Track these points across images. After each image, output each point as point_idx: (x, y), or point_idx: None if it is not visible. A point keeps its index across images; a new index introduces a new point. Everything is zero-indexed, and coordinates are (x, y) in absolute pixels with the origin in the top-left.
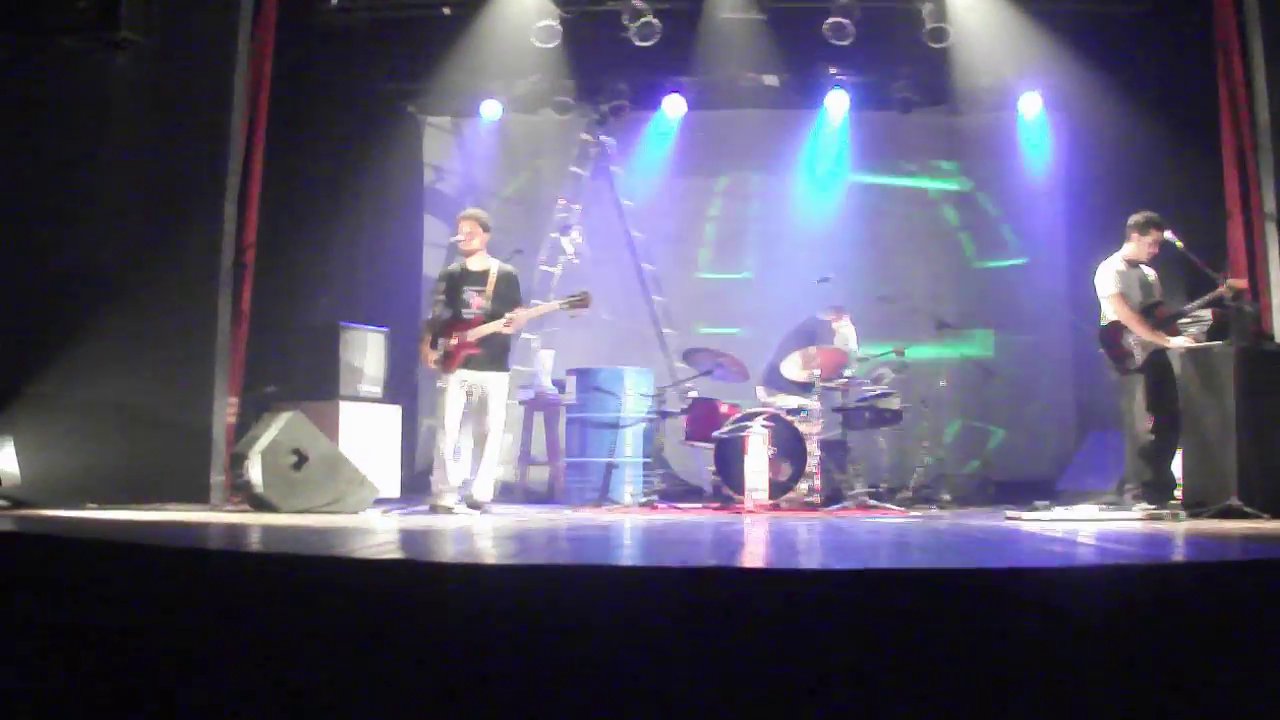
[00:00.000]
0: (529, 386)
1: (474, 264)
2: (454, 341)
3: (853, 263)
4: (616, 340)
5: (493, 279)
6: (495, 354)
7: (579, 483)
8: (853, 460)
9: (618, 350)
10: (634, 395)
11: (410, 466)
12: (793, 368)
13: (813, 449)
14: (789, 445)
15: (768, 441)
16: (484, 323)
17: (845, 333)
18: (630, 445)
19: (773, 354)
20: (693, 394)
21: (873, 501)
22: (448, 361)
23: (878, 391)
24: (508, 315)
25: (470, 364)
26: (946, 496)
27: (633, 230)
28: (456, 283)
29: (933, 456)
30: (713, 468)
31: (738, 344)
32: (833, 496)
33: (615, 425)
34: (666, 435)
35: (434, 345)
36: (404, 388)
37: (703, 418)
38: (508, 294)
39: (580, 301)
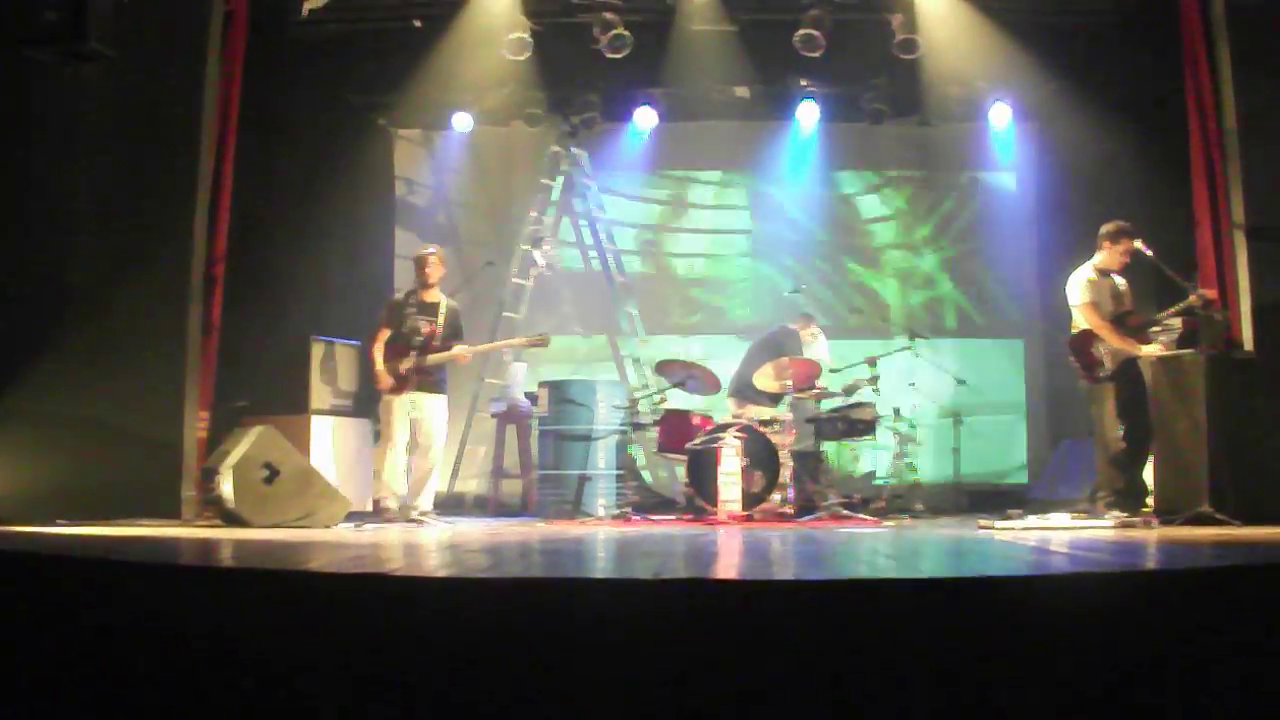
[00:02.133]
0: (501, 399)
1: (428, 296)
2: (407, 366)
3: (825, 273)
4: (589, 352)
5: (443, 311)
6: (438, 380)
7: (552, 495)
8: (826, 471)
9: (590, 362)
10: (606, 407)
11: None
12: (765, 379)
13: (786, 460)
14: (762, 456)
15: (740, 453)
16: (434, 351)
17: (815, 343)
18: (603, 457)
19: (744, 365)
20: (665, 406)
21: (846, 512)
22: (400, 385)
23: (850, 402)
24: (464, 348)
25: (419, 388)
26: (920, 506)
27: (605, 242)
28: (408, 312)
29: (906, 467)
30: (686, 480)
31: (710, 355)
32: (806, 507)
33: (588, 437)
34: (639, 447)
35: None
36: (376, 401)
37: (675, 430)
38: (455, 326)
39: (539, 342)
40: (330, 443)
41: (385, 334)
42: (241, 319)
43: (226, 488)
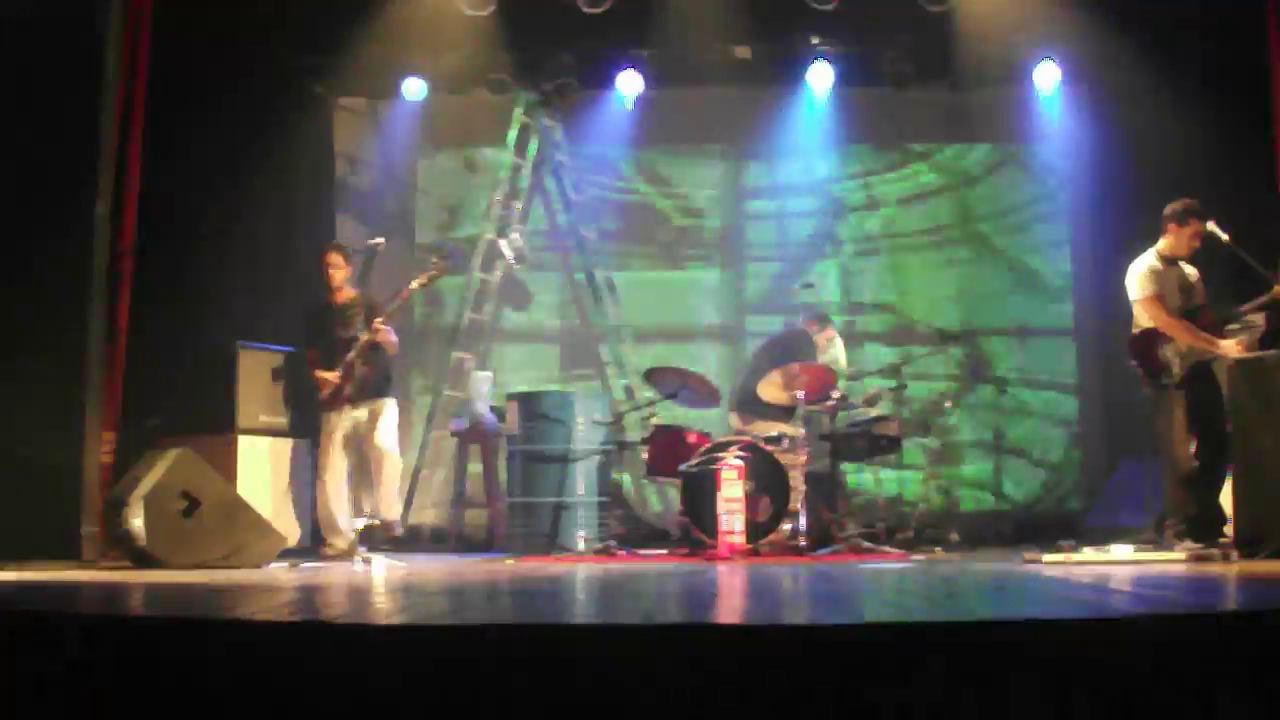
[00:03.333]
0: (462, 415)
1: (340, 298)
2: (336, 376)
3: (840, 266)
4: (565, 359)
5: (359, 308)
6: (379, 383)
7: (523, 527)
8: (844, 496)
9: (567, 371)
10: (586, 423)
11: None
12: (771, 389)
13: (797, 483)
14: (769, 479)
15: (744, 476)
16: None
17: (831, 347)
18: (583, 482)
19: (747, 373)
20: (655, 421)
21: (868, 544)
22: (335, 400)
23: (872, 415)
24: (376, 323)
25: (355, 398)
26: (955, 537)
27: (582, 229)
28: (327, 320)
29: (938, 490)
30: (680, 507)
31: (707, 362)
32: (822, 539)
33: (564, 459)
34: (625, 470)
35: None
36: (314, 419)
37: (667, 449)
38: (373, 315)
39: (443, 271)
40: (261, 467)
41: (313, 355)
42: (153, 322)
43: (137, 522)
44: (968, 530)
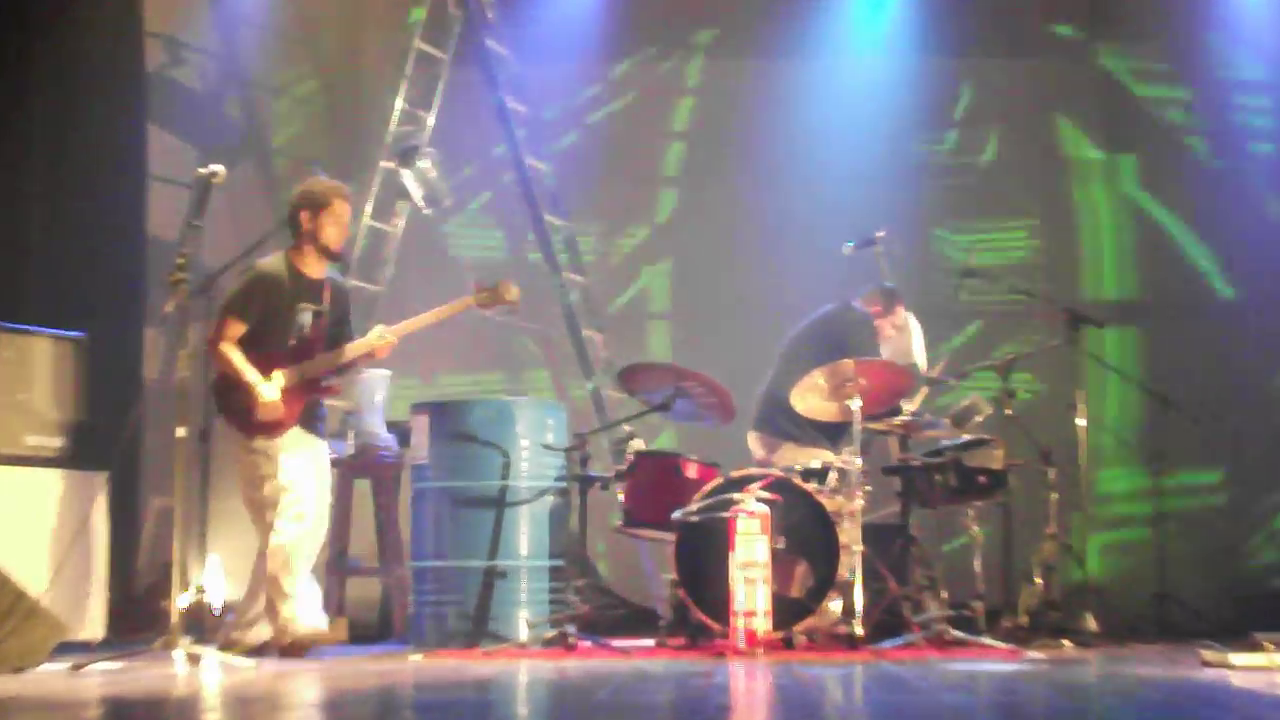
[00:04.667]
0: (343, 436)
1: (312, 267)
2: (296, 380)
3: (910, 218)
4: (501, 351)
5: (329, 294)
6: (318, 414)
7: (436, 605)
8: (922, 559)
9: (504, 368)
10: (533, 448)
11: (126, 582)
12: (813, 398)
13: (850, 540)
14: (808, 534)
15: (770, 528)
16: (318, 357)
17: (903, 336)
18: (527, 537)
19: (775, 373)
20: (636, 446)
21: (958, 633)
22: (290, 413)
23: (963, 439)
24: (381, 330)
25: (314, 416)
26: (1092, 624)
27: (528, 157)
28: (286, 294)
29: (1064, 552)
30: (673, 575)
31: (713, 358)
32: (888, 624)
33: (500, 501)
34: (591, 518)
35: (229, 398)
36: (113, 440)
37: (654, 487)
38: (344, 314)
39: (495, 296)
40: (27, 513)
41: (237, 330)
42: None
43: None
44: (1109, 612)
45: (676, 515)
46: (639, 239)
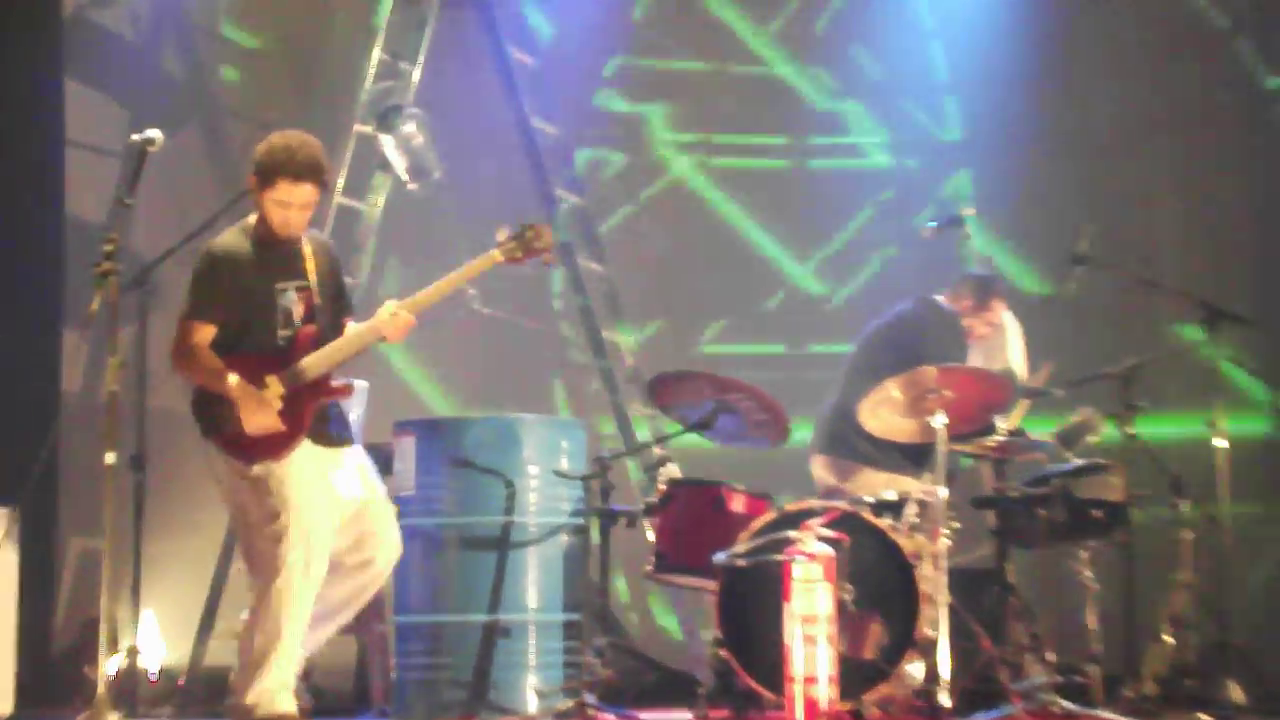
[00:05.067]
0: None
1: (287, 238)
2: (296, 383)
3: (1012, 185)
4: (506, 356)
5: (313, 262)
6: (342, 414)
7: (425, 669)
8: (1025, 614)
9: (509, 377)
10: (543, 476)
11: (40, 643)
12: (885, 413)
13: (934, 590)
14: (882, 582)
15: (835, 574)
16: (316, 350)
17: (997, 336)
18: (536, 586)
19: (844, 387)
20: (670, 472)
21: (1069, 705)
22: (295, 425)
23: (1074, 464)
24: (392, 305)
25: (332, 426)
26: (1236, 694)
27: (536, 119)
28: (257, 274)
29: (1202, 606)
30: (715, 633)
31: (765, 366)
32: (982, 694)
33: (503, 542)
34: (616, 561)
35: (214, 412)
36: (24, 467)
37: (691, 523)
38: (338, 283)
39: (527, 246)
40: None
41: (205, 334)
42: None
43: None
44: (1260, 680)
45: (720, 558)
46: (676, 226)
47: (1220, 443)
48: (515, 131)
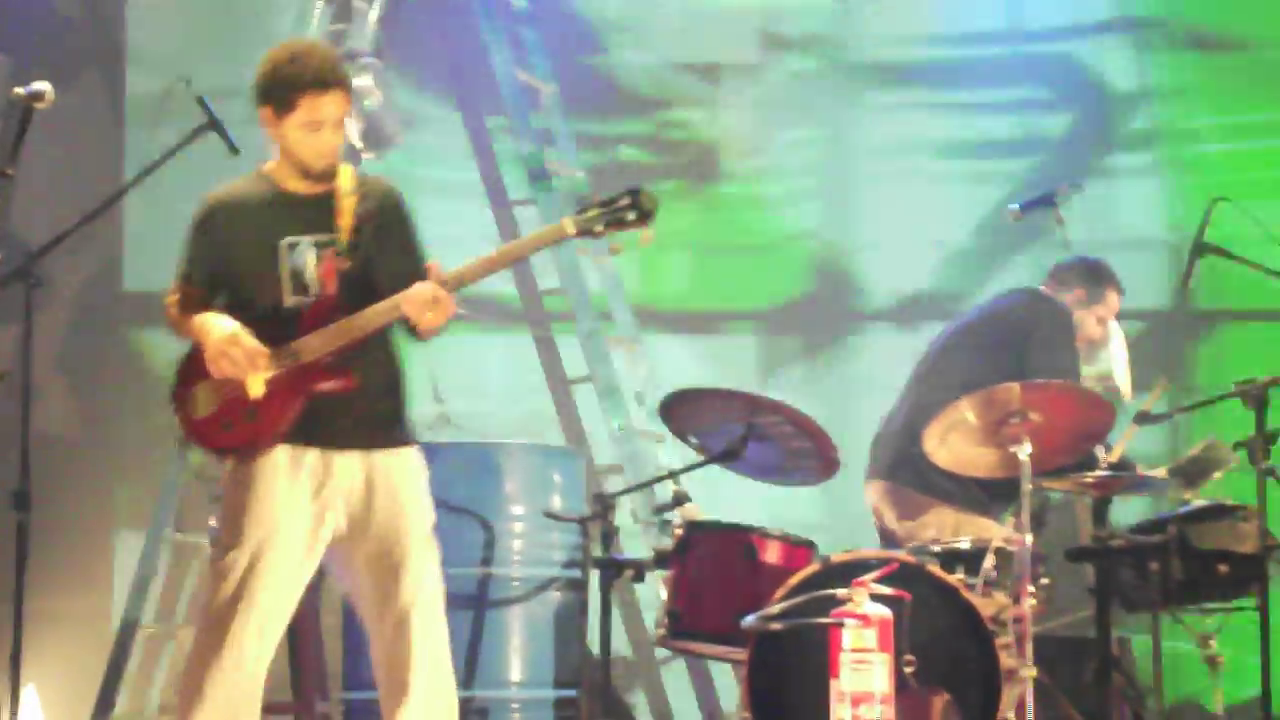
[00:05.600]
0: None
1: (305, 180)
2: (290, 362)
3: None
4: (481, 368)
5: (350, 210)
6: (395, 406)
7: None
8: (1132, 693)
9: (488, 393)
10: (531, 516)
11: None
12: (957, 441)
13: (1019, 662)
14: (954, 651)
15: (892, 641)
16: (345, 315)
17: (1105, 350)
18: (522, 653)
19: (914, 400)
20: (689, 512)
21: None
22: (270, 420)
23: (1194, 505)
24: (431, 289)
25: (338, 427)
26: None
27: (522, 71)
28: (260, 227)
29: None
30: (744, 714)
31: (804, 385)
32: None
33: (480, 600)
34: (620, 624)
35: (190, 388)
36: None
37: (716, 575)
38: (386, 239)
39: (617, 217)
40: None
41: (194, 298)
42: None
43: None
44: None
45: (750, 621)
46: (704, 206)
47: None
48: (512, 97)
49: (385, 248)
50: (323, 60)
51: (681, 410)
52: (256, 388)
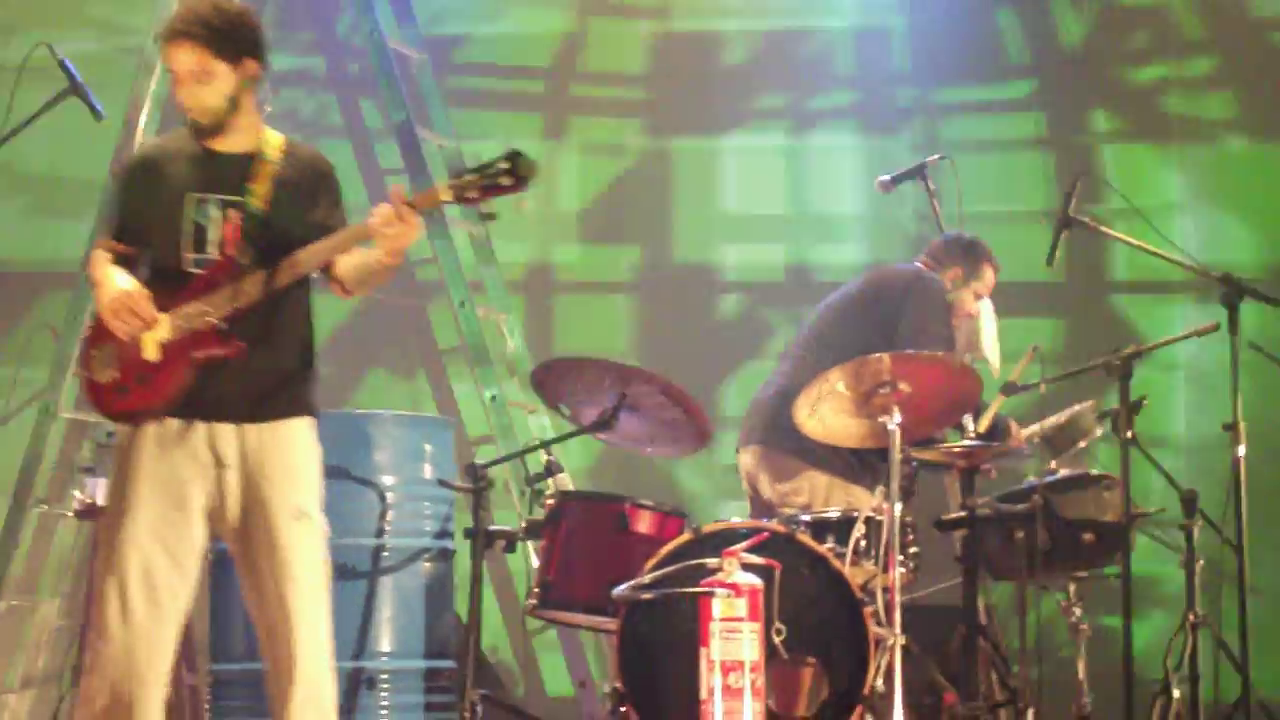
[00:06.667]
0: (98, 470)
1: (226, 137)
2: (186, 324)
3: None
4: (354, 338)
5: (269, 175)
6: (287, 372)
7: None
8: (998, 661)
9: (357, 364)
10: (402, 487)
11: None
12: (827, 411)
13: (888, 630)
14: (824, 619)
15: (761, 610)
16: (246, 279)
17: (974, 319)
18: (393, 624)
19: (791, 369)
20: (560, 483)
21: None
22: (157, 392)
23: (1059, 475)
24: (399, 194)
25: (222, 397)
26: None
27: (395, 39)
28: (170, 182)
29: (1218, 651)
30: (614, 683)
31: (679, 349)
32: None
33: (348, 571)
34: (491, 595)
35: (94, 349)
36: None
37: (588, 545)
38: (303, 210)
39: (508, 178)
40: None
41: (107, 250)
42: None
43: None
44: None
45: (621, 591)
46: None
47: (1241, 449)
48: (367, 55)
49: (303, 217)
50: (182, 12)
51: (551, 379)
52: (150, 350)
